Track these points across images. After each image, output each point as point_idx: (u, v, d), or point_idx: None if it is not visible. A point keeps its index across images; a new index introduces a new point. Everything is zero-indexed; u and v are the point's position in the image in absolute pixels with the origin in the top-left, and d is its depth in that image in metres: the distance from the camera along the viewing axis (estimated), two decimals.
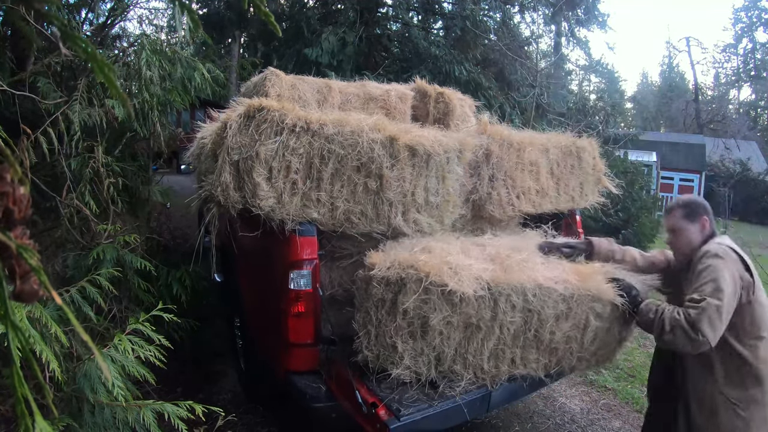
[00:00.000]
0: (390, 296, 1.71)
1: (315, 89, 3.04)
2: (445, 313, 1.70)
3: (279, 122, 1.85)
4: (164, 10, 7.90)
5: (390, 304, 1.71)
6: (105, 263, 2.11)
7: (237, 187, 1.88)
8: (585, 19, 9.24)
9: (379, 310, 1.73)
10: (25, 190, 0.32)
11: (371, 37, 7.70)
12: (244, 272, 2.58)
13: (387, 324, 1.72)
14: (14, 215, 0.31)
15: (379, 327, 1.74)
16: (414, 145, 2.00)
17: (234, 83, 8.58)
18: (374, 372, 1.77)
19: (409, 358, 1.74)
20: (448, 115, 3.34)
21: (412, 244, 1.91)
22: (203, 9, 8.52)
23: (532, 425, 2.71)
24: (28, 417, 0.29)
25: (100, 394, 1.46)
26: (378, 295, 1.72)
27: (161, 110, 2.92)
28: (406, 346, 1.73)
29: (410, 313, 1.69)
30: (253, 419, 2.56)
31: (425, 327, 1.72)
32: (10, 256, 0.30)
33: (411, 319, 1.71)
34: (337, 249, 2.33)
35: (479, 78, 7.11)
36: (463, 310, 1.72)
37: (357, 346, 1.78)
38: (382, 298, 1.72)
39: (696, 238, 1.83)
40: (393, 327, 1.71)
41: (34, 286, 0.31)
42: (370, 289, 1.73)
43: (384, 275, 1.70)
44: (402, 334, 1.71)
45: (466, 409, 1.75)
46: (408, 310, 1.69)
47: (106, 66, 0.36)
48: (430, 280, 1.66)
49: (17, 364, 0.30)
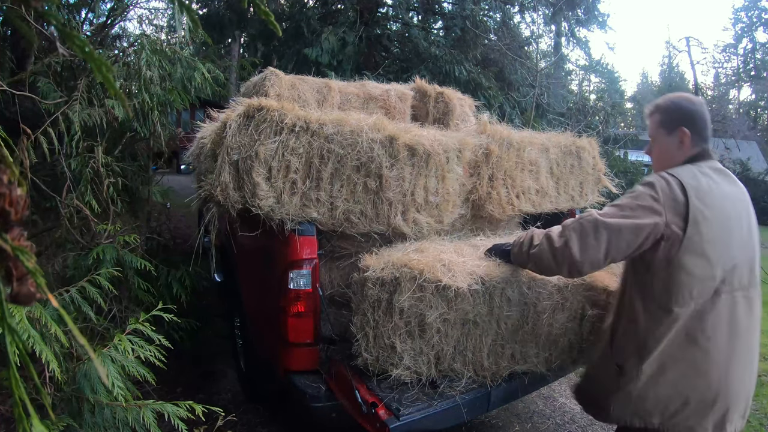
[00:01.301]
0: (386, 296, 1.71)
1: (315, 89, 3.04)
2: (441, 310, 1.71)
3: (278, 122, 1.85)
4: (164, 10, 7.90)
5: (386, 304, 1.71)
6: (105, 263, 2.11)
7: (236, 187, 1.88)
8: (585, 19, 9.24)
9: (376, 311, 1.73)
10: (22, 191, 0.32)
11: (371, 37, 7.70)
12: (243, 272, 2.58)
13: (384, 325, 1.72)
14: (11, 217, 0.31)
15: (377, 328, 1.74)
16: (413, 145, 2.00)
17: (234, 83, 8.58)
18: (374, 374, 1.77)
19: (409, 358, 1.74)
20: (447, 114, 3.34)
21: (406, 246, 1.91)
22: (203, 9, 8.52)
23: (532, 425, 2.71)
24: (26, 419, 0.29)
25: (100, 394, 1.46)
26: (374, 296, 1.72)
27: (161, 110, 2.92)
28: (404, 346, 1.73)
29: (407, 312, 1.70)
30: (253, 419, 2.56)
31: (422, 325, 1.72)
32: (7, 258, 0.30)
33: (408, 318, 1.71)
34: (336, 249, 2.33)
35: (479, 78, 7.12)
36: (458, 306, 1.72)
37: (356, 350, 1.78)
38: (378, 299, 1.72)
39: (672, 155, 1.42)
40: (390, 327, 1.71)
41: (31, 288, 0.31)
42: (365, 290, 1.74)
43: (378, 276, 1.70)
44: (400, 333, 1.72)
45: (465, 409, 1.75)
46: (404, 309, 1.69)
47: (104, 65, 0.36)
48: (424, 277, 1.66)
49: (14, 368, 0.29)
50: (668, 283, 1.30)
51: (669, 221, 1.27)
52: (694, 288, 1.28)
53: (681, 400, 1.32)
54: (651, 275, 1.34)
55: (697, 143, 1.40)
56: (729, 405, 1.33)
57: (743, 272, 1.33)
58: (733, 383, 1.32)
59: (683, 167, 1.37)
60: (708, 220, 1.27)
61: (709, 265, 1.27)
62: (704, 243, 1.26)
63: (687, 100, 1.46)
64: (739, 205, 1.36)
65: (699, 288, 1.28)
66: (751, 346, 1.37)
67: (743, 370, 1.35)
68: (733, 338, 1.31)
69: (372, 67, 7.17)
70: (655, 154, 1.48)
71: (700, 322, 1.29)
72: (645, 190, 1.31)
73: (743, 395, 1.37)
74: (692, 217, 1.25)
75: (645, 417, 1.36)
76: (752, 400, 1.48)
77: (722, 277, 1.29)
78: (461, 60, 7.17)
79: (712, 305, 1.29)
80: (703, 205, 1.27)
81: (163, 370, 1.64)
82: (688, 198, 1.26)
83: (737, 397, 1.34)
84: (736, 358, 1.32)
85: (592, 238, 1.31)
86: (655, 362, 1.34)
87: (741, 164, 16.62)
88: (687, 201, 1.26)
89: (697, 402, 1.31)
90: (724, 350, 1.30)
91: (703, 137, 1.42)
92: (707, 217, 1.27)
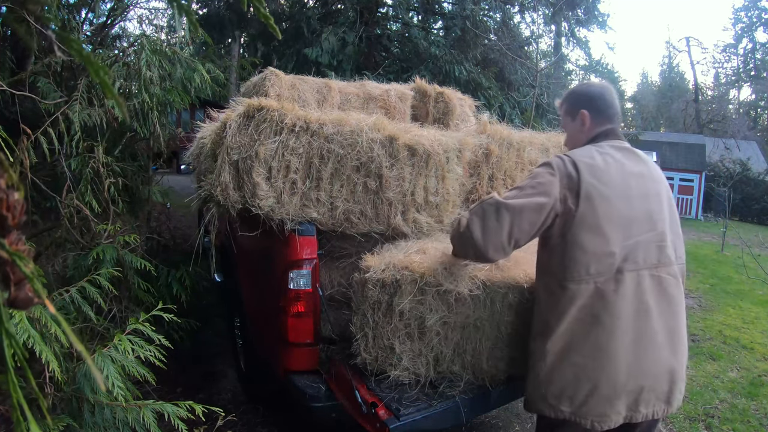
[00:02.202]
0: (386, 298, 1.70)
1: (315, 89, 3.04)
2: (442, 314, 1.70)
3: (278, 122, 1.85)
4: (164, 10, 7.91)
5: (386, 306, 1.71)
6: (105, 263, 2.11)
7: (236, 187, 1.88)
8: (585, 19, 9.24)
9: (376, 313, 1.73)
10: (20, 195, 0.32)
11: (371, 37, 7.70)
12: (243, 272, 2.58)
13: (384, 326, 1.72)
14: (8, 222, 0.31)
15: (377, 329, 1.73)
16: (413, 145, 2.00)
17: (234, 83, 8.58)
18: (373, 374, 1.77)
19: (408, 360, 1.74)
20: (447, 114, 3.34)
21: (407, 246, 1.91)
22: (203, 9, 8.52)
23: (532, 425, 2.71)
24: (23, 423, 0.29)
25: (100, 394, 1.46)
26: (374, 297, 1.71)
27: (161, 110, 2.92)
28: (404, 348, 1.73)
29: (406, 315, 1.69)
30: (253, 419, 2.56)
31: (422, 328, 1.72)
32: (5, 263, 0.30)
33: (407, 320, 1.70)
34: (336, 249, 2.33)
35: (479, 78, 7.12)
36: (459, 310, 1.71)
37: (355, 349, 1.78)
38: (378, 301, 1.72)
39: (577, 139, 1.45)
40: (390, 329, 1.71)
41: (28, 293, 0.31)
42: (365, 291, 1.73)
43: (379, 277, 1.70)
44: (399, 335, 1.71)
45: (465, 409, 1.75)
46: (404, 312, 1.69)
47: (101, 69, 0.36)
48: (425, 281, 1.66)
49: (12, 372, 0.29)
50: (564, 259, 1.28)
51: (564, 197, 1.27)
52: (591, 265, 1.25)
53: (589, 385, 1.27)
54: (548, 252, 1.33)
55: (600, 122, 1.42)
56: (643, 386, 1.28)
57: (650, 250, 1.29)
58: (646, 364, 1.28)
59: (582, 148, 1.38)
60: (604, 197, 1.26)
61: (605, 241, 1.25)
62: (599, 219, 1.25)
63: (585, 85, 1.54)
64: (648, 184, 1.35)
65: (596, 265, 1.25)
66: (669, 326, 1.31)
67: (658, 351, 1.29)
68: (641, 318, 1.27)
69: (372, 67, 7.17)
70: (567, 143, 1.53)
71: (604, 301, 1.26)
72: (542, 170, 1.32)
73: (663, 377, 1.31)
74: (584, 193, 1.25)
75: (554, 404, 1.32)
76: (685, 383, 1.39)
77: (623, 254, 1.26)
78: (461, 60, 7.17)
79: (616, 284, 1.26)
80: (597, 181, 1.26)
81: (163, 370, 1.64)
82: (580, 174, 1.26)
83: (654, 378, 1.29)
84: (648, 339, 1.28)
85: (493, 220, 1.29)
86: (559, 341, 1.31)
87: (741, 164, 16.61)
88: (579, 177, 1.26)
89: (607, 387, 1.27)
90: (630, 330, 1.26)
91: (606, 116, 1.42)
92: (603, 194, 1.26)
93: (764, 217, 15.96)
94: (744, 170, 16.35)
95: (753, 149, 19.46)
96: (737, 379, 3.40)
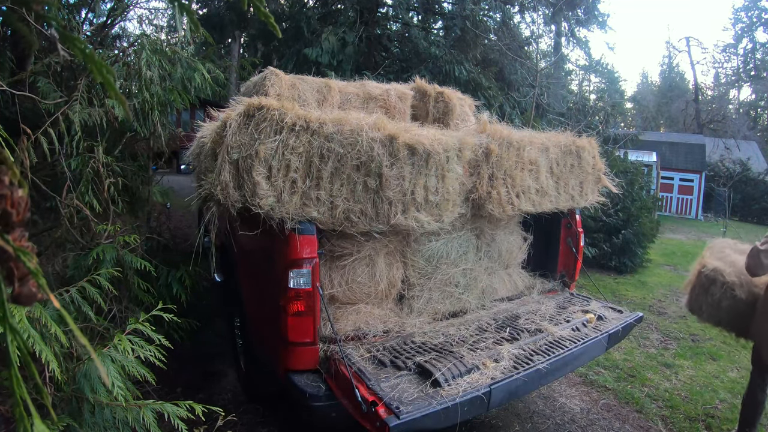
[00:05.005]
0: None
1: (315, 89, 3.04)
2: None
3: (278, 121, 1.85)
4: (164, 10, 7.90)
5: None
6: (105, 263, 2.11)
7: (236, 186, 1.88)
8: (585, 19, 9.25)
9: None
10: (24, 192, 0.32)
11: (371, 37, 7.70)
12: (243, 272, 2.58)
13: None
14: (12, 218, 0.31)
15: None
16: (413, 144, 2.00)
17: (234, 83, 8.57)
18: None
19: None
20: (447, 114, 3.34)
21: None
22: (203, 9, 8.52)
23: (532, 425, 2.71)
24: (27, 419, 0.29)
25: (100, 394, 1.46)
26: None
27: (161, 110, 2.92)
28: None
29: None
30: (253, 419, 2.56)
31: None
32: (9, 259, 0.30)
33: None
34: (336, 248, 2.33)
35: (479, 78, 7.12)
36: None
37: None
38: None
39: None
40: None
41: (32, 288, 0.31)
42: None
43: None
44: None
45: (465, 408, 1.75)
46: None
47: (105, 68, 0.36)
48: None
49: (15, 368, 0.29)
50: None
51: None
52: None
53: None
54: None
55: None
56: None
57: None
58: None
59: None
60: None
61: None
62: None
63: None
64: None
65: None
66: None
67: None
68: None
69: (372, 67, 7.17)
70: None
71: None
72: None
73: None
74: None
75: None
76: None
77: None
78: (461, 60, 7.17)
79: None
80: None
81: (163, 370, 1.64)
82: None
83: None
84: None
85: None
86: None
87: (741, 164, 16.61)
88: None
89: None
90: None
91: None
92: None
93: (764, 217, 15.94)
94: (744, 170, 16.34)
95: (753, 149, 19.45)
96: (737, 379, 3.40)
